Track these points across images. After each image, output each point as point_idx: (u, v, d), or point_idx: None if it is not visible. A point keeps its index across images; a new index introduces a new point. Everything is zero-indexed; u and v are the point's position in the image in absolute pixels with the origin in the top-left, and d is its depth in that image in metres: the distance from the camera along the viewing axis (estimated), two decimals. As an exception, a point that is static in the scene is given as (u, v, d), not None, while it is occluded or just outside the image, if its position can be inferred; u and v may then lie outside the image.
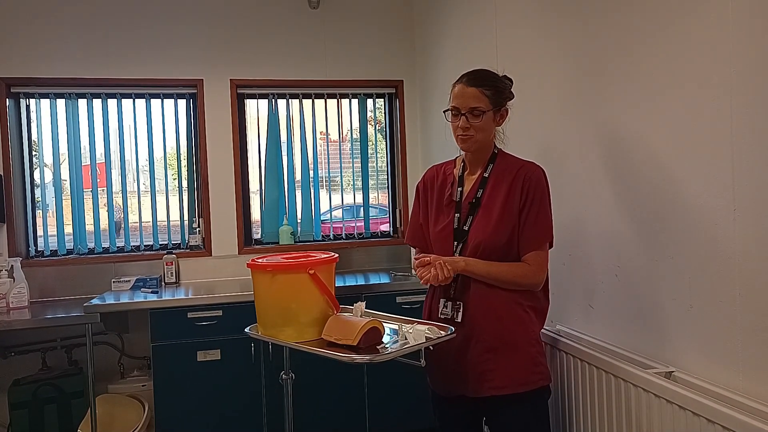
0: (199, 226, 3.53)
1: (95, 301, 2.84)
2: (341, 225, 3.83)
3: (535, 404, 1.72)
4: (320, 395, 2.98)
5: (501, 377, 1.68)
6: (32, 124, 3.35)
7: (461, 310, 1.73)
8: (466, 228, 1.75)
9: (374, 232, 3.82)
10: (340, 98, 3.74)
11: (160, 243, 3.51)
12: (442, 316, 1.76)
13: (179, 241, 3.54)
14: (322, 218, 3.74)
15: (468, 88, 1.69)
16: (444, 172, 1.88)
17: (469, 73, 1.73)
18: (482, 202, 1.74)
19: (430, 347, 1.70)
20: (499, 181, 1.74)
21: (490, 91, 1.69)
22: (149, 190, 3.48)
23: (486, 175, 1.76)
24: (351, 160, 3.81)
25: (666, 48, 1.56)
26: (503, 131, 1.83)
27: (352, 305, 1.84)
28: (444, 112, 1.76)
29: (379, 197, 3.86)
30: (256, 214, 3.67)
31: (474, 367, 1.70)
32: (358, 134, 3.79)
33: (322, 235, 3.75)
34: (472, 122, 1.69)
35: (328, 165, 3.78)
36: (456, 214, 1.78)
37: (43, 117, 3.34)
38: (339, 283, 3.09)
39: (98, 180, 3.43)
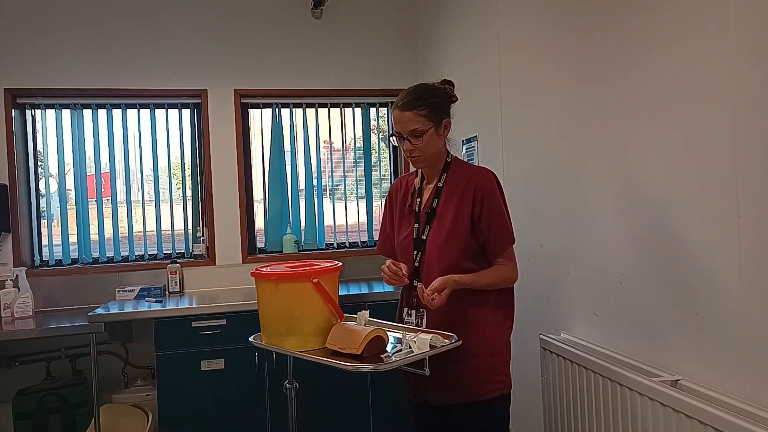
0: (203, 235, 3.54)
1: (99, 311, 2.85)
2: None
3: (494, 412, 1.75)
4: (324, 404, 2.97)
5: (458, 386, 1.73)
6: (37, 135, 3.38)
7: (425, 317, 1.77)
8: (423, 237, 1.80)
9: (377, 241, 3.81)
10: (344, 107, 3.76)
11: (164, 252, 3.52)
12: (408, 325, 1.80)
13: (183, 251, 3.55)
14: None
15: (403, 113, 1.73)
16: (407, 182, 1.94)
17: (402, 96, 1.76)
18: (437, 211, 1.79)
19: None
20: (451, 191, 1.78)
21: (425, 110, 1.71)
22: (153, 199, 3.48)
23: (440, 185, 1.81)
24: (354, 168, 3.82)
25: (669, 55, 1.57)
26: (451, 138, 1.85)
27: (356, 314, 1.84)
28: (389, 137, 1.78)
29: (383, 205, 3.85)
30: (260, 223, 3.67)
31: (435, 374, 1.71)
32: (362, 142, 3.80)
33: (326, 244, 3.75)
34: (415, 143, 1.74)
35: (332, 174, 3.78)
36: (415, 224, 1.83)
37: (49, 127, 3.36)
38: (343, 292, 3.09)
39: (103, 189, 3.45)
